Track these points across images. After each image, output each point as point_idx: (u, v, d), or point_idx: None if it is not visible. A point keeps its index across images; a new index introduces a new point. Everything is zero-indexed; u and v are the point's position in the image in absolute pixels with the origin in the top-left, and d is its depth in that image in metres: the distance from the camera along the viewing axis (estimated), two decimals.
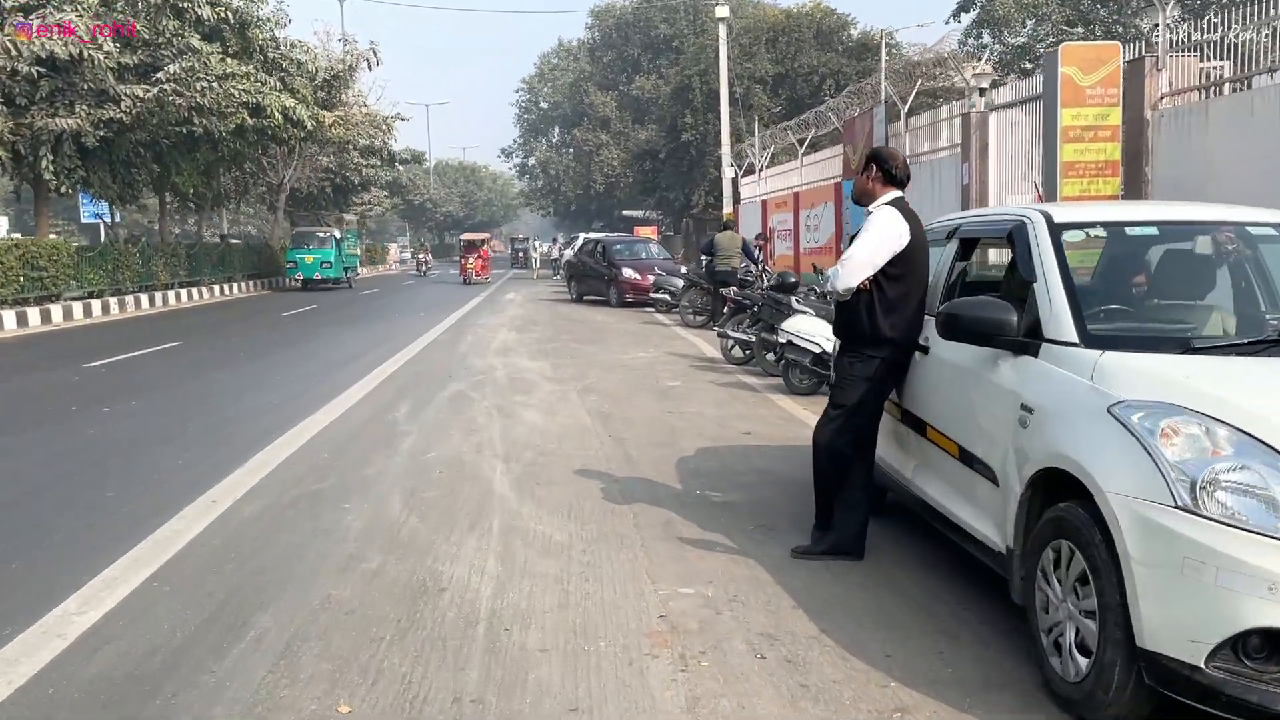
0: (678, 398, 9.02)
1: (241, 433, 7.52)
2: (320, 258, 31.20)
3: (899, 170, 4.24)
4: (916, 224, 4.17)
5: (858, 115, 20.50)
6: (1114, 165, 10.02)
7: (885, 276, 4.13)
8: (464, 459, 6.47)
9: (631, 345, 13.66)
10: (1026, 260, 3.62)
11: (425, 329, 16.15)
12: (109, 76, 18.44)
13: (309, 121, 23.33)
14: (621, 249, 22.93)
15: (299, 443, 7.01)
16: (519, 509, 5.25)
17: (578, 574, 4.20)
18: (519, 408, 8.49)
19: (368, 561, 4.40)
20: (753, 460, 6.40)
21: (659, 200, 38.27)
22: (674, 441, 7.02)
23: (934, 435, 4.01)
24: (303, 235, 32.65)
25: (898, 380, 4.30)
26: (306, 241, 31.97)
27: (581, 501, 5.38)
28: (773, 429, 7.52)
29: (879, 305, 4.15)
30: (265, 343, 14.95)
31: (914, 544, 4.57)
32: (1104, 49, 10.03)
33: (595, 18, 49.34)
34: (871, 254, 4.10)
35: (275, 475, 6.06)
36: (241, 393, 9.70)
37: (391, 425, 7.70)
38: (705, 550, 4.51)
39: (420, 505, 5.33)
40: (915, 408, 4.21)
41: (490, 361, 11.82)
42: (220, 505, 5.35)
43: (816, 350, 8.96)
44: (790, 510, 5.17)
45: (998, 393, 3.47)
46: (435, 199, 76.62)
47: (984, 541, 3.56)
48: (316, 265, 31.13)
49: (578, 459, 6.46)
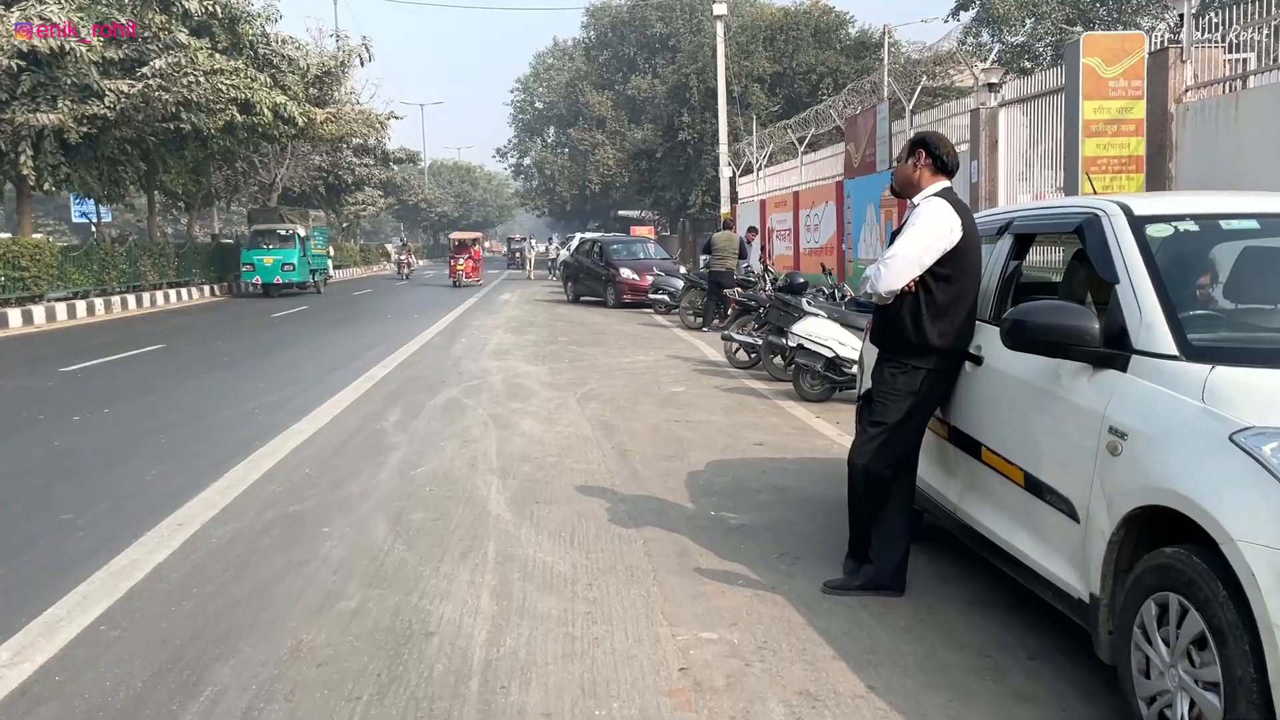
0: (683, 405, 8.53)
1: (218, 444, 7.01)
2: (281, 259, 27.13)
3: (950, 157, 3.75)
4: (969, 218, 3.69)
5: (860, 112, 20.04)
6: (1138, 160, 9.56)
7: (933, 277, 3.65)
8: (456, 474, 5.97)
9: (631, 348, 13.17)
10: (1105, 259, 3.14)
11: (419, 330, 15.63)
12: (93, 71, 17.90)
13: (300, 118, 22.81)
14: (619, 249, 22.42)
15: (279, 456, 6.50)
16: (516, 533, 4.75)
17: (583, 614, 3.71)
18: (516, 416, 7.99)
19: (346, 599, 3.90)
20: (768, 475, 5.92)
21: (655, 200, 37.73)
22: (682, 454, 6.53)
23: (991, 459, 3.52)
24: (261, 233, 28.26)
25: (945, 394, 3.82)
26: (265, 240, 27.86)
27: (585, 524, 4.89)
28: (786, 440, 7.03)
29: (926, 310, 3.66)
30: (252, 345, 14.43)
31: (961, 577, 4.08)
32: (1128, 39, 9.56)
33: (591, 16, 48.83)
34: (919, 251, 3.61)
35: (250, 494, 5.55)
36: (222, 399, 9.18)
37: (379, 436, 7.20)
38: (726, 584, 4.02)
39: (408, 529, 4.83)
40: (967, 426, 3.73)
41: (485, 365, 11.32)
42: (186, 529, 4.85)
43: (829, 355, 8.49)
44: (815, 535, 4.69)
45: (1076, 413, 2.99)
46: (430, 199, 75.99)
47: (1056, 584, 3.08)
48: (277, 268, 27.06)
49: (579, 474, 5.97)
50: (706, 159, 30.83)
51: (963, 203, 3.74)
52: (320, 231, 31.63)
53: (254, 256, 27.14)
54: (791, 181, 25.80)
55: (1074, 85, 9.52)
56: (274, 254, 27.13)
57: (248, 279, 27.16)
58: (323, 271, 31.13)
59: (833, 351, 8.46)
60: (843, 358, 8.42)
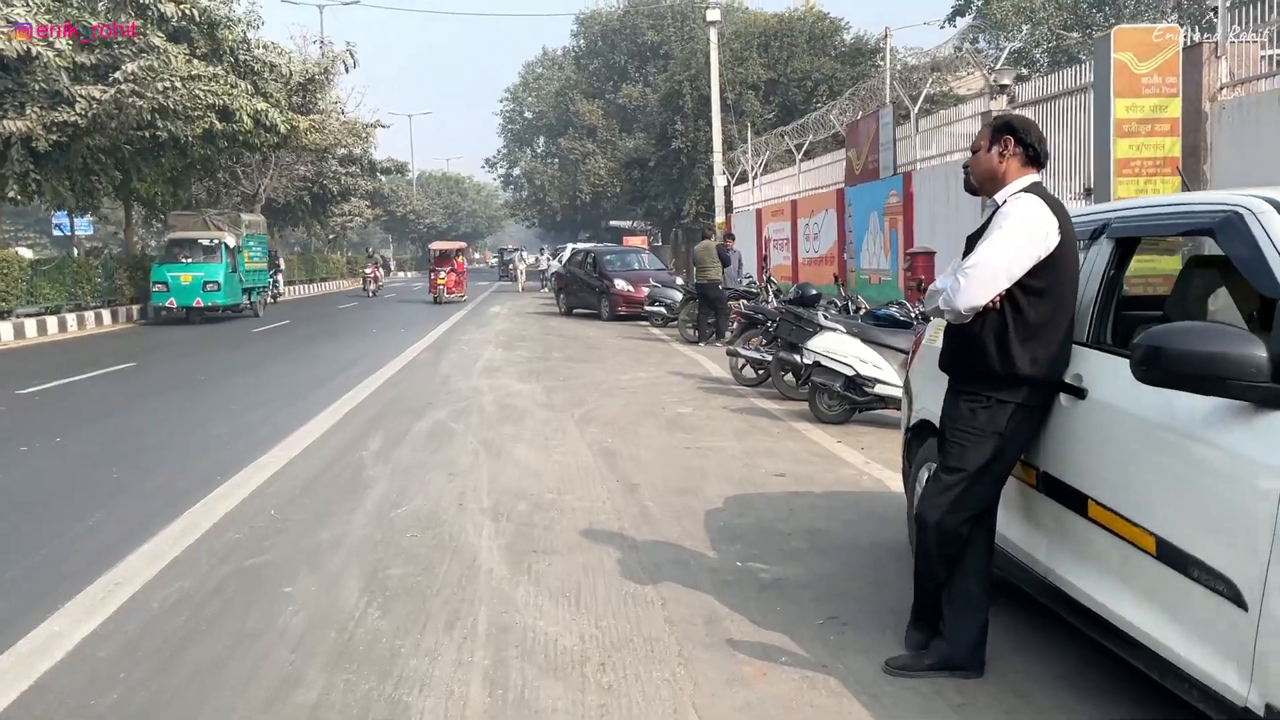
0: (690, 428, 7.85)
1: (176, 479, 6.29)
2: (203, 275, 21.44)
3: (1041, 145, 3.10)
4: (1067, 220, 3.03)
5: (861, 118, 19.47)
6: (1173, 162, 8.95)
7: (1024, 291, 2.98)
8: (443, 515, 5.27)
9: (630, 363, 12.48)
10: (1259, 268, 2.48)
11: (407, 345, 14.90)
12: (63, 76, 17.16)
13: (282, 126, 22.08)
14: (613, 260, 21.73)
15: (242, 493, 5.78)
16: (512, 593, 4.05)
17: (597, 707, 3.01)
18: (509, 442, 7.29)
19: (305, 686, 3.19)
20: (796, 514, 5.23)
21: (648, 210, 37.05)
22: (695, 487, 5.84)
23: (1103, 516, 2.84)
24: (179, 244, 22.33)
25: (1034, 432, 3.14)
26: (184, 252, 22.11)
27: (592, 580, 4.19)
28: (808, 469, 6.35)
29: (1015, 331, 2.99)
30: (228, 363, 13.68)
31: (1046, 648, 3.40)
32: (1162, 32, 8.96)
33: (581, 25, 48.28)
34: (1009, 259, 2.94)
35: (205, 543, 4.83)
36: (189, 424, 8.45)
37: (357, 468, 6.48)
38: (766, 662, 3.33)
39: (384, 589, 4.12)
40: (1065, 472, 3.05)
41: (475, 383, 10.61)
42: (124, 591, 4.12)
43: (849, 373, 7.81)
44: (863, 593, 4.00)
45: (1237, 468, 2.32)
46: (419, 210, 75.17)
47: (1205, 684, 2.40)
48: (197, 287, 21.33)
49: (583, 514, 5.27)
50: (700, 168, 30.22)
51: (1058, 201, 3.08)
52: (258, 241, 25.54)
53: (168, 273, 21.53)
54: (789, 190, 25.21)
55: (1104, 82, 8.91)
56: (194, 269, 21.63)
57: (159, 301, 21.63)
58: (263, 290, 25.71)
59: (853, 369, 7.78)
60: (864, 376, 7.75)
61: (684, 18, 42.34)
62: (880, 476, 6.12)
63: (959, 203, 14.59)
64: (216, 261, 21.92)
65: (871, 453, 6.85)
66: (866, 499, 5.58)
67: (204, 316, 21.85)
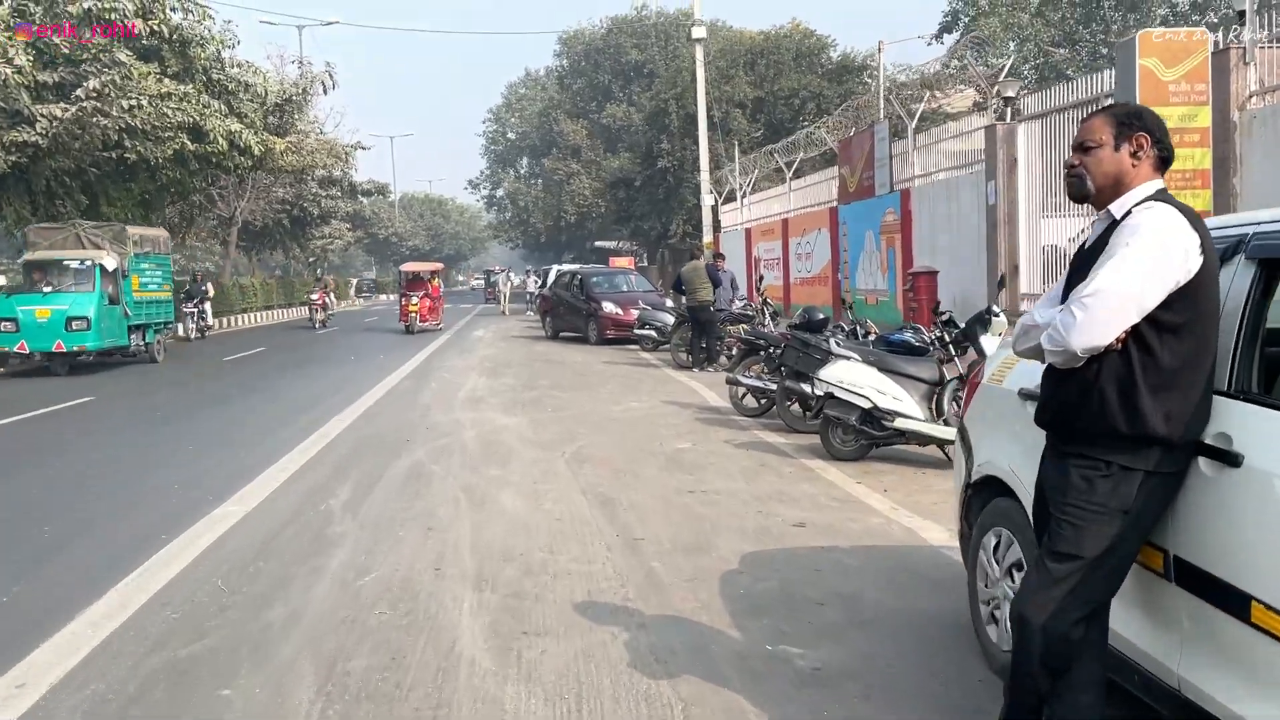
0: (692, 467, 7.15)
1: (113, 539, 5.53)
2: (66, 311, 15.65)
3: (1171, 150, 2.44)
4: (1207, 236, 2.37)
5: (855, 134, 18.95)
6: (1204, 175, 8.41)
7: (1155, 326, 2.32)
8: (417, 585, 4.54)
9: (621, 392, 11.78)
10: None
11: (385, 374, 14.14)
12: (23, 95, 16.39)
13: (257, 147, 21.32)
14: (600, 281, 21.06)
15: (187, 558, 5.03)
16: (499, 694, 3.33)
17: None
18: (494, 488, 6.57)
19: None
20: (825, 576, 4.54)
21: (634, 230, 36.48)
22: (707, 543, 5.14)
23: (1274, 622, 2.16)
24: (38, 266, 16.54)
25: (1165, 506, 2.47)
26: (45, 279, 16.38)
27: (595, 673, 3.47)
28: (829, 517, 5.66)
29: (1144, 377, 2.33)
30: (193, 397, 12.89)
31: None
32: (1189, 36, 8.43)
33: (564, 44, 47.91)
34: (1140, 286, 2.28)
35: (134, 624, 4.08)
36: (139, 470, 7.68)
37: (322, 523, 5.73)
38: None
39: (344, 690, 3.39)
40: (1214, 563, 2.37)
41: (457, 416, 9.88)
42: (25, 697, 3.37)
43: (866, 405, 7.15)
44: (921, 685, 3.32)
45: None
46: (401, 233, 74.47)
47: None
48: (59, 325, 15.51)
49: (580, 580, 4.55)
50: (687, 187, 29.68)
51: (1194, 212, 2.41)
52: (155, 261, 18.76)
53: (18, 307, 15.69)
54: (779, 208, 24.72)
55: (1129, 90, 8.35)
56: (54, 301, 15.81)
57: (6, 345, 15.62)
58: (160, 327, 18.88)
59: (870, 401, 7.12)
60: (882, 409, 7.09)
61: (668, 36, 42.06)
62: (910, 525, 5.45)
63: (961, 221, 14.05)
64: (87, 290, 16.04)
65: (896, 495, 6.18)
66: (901, 555, 4.90)
67: (72, 364, 16.16)
